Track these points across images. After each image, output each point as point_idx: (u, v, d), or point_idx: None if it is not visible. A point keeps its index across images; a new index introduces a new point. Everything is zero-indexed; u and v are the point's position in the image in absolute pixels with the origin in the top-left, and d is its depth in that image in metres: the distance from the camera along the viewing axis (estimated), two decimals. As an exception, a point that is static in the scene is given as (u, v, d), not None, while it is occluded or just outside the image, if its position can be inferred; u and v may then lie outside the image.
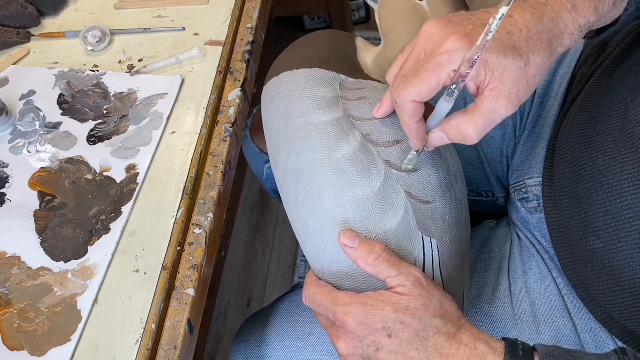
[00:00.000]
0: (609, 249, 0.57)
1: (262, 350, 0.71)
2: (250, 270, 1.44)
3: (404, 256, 0.53)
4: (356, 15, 1.78)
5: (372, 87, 0.58)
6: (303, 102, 0.56)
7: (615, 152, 0.56)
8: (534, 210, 0.69)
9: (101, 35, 0.77)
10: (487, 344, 0.49)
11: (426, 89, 0.46)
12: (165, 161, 0.66)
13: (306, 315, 0.70)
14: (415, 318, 0.49)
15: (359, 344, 0.51)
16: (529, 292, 0.66)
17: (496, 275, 0.69)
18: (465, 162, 0.75)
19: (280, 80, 0.59)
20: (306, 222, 0.54)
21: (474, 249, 0.72)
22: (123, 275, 0.58)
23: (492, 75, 0.46)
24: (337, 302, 0.52)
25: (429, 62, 0.46)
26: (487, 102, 0.47)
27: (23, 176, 0.66)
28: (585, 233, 0.59)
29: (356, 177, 0.52)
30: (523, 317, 0.65)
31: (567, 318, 0.64)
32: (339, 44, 0.61)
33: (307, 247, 0.56)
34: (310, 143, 0.54)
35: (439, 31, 0.47)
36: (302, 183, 0.54)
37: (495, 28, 0.42)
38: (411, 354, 0.49)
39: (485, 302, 0.68)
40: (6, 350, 0.55)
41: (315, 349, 0.68)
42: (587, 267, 0.61)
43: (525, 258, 0.69)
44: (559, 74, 0.72)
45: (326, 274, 0.55)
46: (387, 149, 0.53)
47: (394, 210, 0.52)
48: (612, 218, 0.56)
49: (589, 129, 0.60)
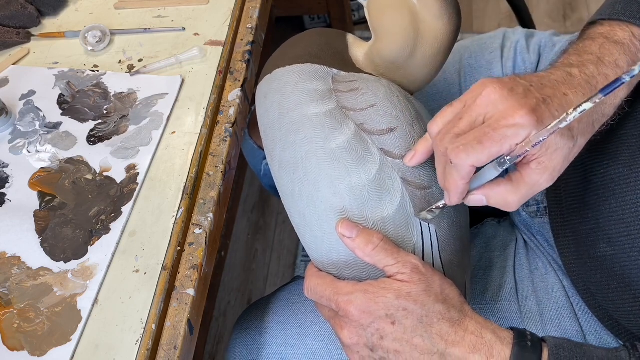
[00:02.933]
0: (620, 257, 0.57)
1: (263, 337, 0.70)
2: (250, 270, 1.44)
3: (403, 242, 0.53)
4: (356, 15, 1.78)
5: (364, 79, 0.58)
6: (296, 96, 0.56)
7: (630, 161, 0.56)
8: (535, 215, 0.69)
9: (101, 35, 0.77)
10: (495, 333, 0.49)
11: (487, 156, 0.47)
12: (165, 161, 0.66)
13: (308, 304, 0.70)
14: (418, 304, 0.49)
15: (362, 332, 0.51)
16: (536, 291, 0.66)
17: (501, 273, 0.69)
18: None
19: (273, 77, 0.60)
20: (304, 213, 0.55)
21: (478, 248, 0.72)
22: (123, 275, 0.58)
23: (544, 152, 0.47)
24: (339, 291, 0.52)
25: (494, 131, 0.46)
26: (533, 175, 0.48)
27: (23, 176, 0.66)
28: (595, 240, 0.59)
29: (351, 165, 0.53)
30: (529, 315, 0.65)
31: (573, 319, 0.64)
32: (329, 40, 0.62)
33: (305, 238, 0.56)
34: (304, 134, 0.54)
35: (504, 101, 0.47)
36: (298, 174, 0.54)
37: (571, 119, 0.43)
38: (416, 341, 0.49)
39: (491, 299, 0.67)
40: (6, 350, 0.55)
41: (317, 337, 0.68)
42: (596, 274, 0.60)
43: (531, 258, 0.69)
44: None
45: (326, 265, 0.55)
46: (381, 137, 0.54)
47: (390, 197, 0.53)
48: (625, 227, 0.56)
49: (601, 136, 0.60)
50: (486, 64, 0.76)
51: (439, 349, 0.49)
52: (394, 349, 0.50)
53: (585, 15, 1.80)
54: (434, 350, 0.49)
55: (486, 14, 1.85)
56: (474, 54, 0.77)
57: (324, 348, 0.67)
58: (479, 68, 0.76)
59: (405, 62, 0.59)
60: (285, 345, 0.69)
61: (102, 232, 0.61)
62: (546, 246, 0.68)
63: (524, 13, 1.15)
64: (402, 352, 0.50)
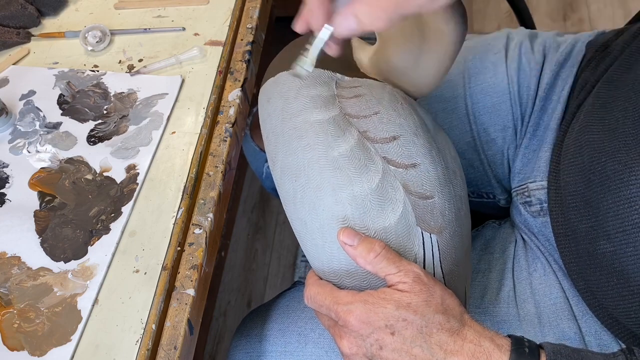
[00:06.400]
0: (619, 253, 0.57)
1: (263, 345, 0.70)
2: (250, 270, 1.44)
3: (404, 252, 0.53)
4: (356, 15, 1.77)
5: (368, 84, 0.58)
6: (299, 102, 0.56)
7: (626, 158, 0.56)
8: (537, 214, 0.69)
9: (101, 35, 0.77)
10: (492, 341, 0.49)
11: None
12: (165, 161, 0.66)
13: (307, 311, 0.70)
14: (418, 314, 0.49)
15: (362, 343, 0.51)
16: (534, 293, 0.66)
17: (500, 275, 0.69)
18: (466, 164, 0.75)
19: (277, 80, 0.59)
20: (305, 221, 0.54)
21: (477, 249, 0.72)
22: (123, 275, 0.58)
23: None
24: (338, 300, 0.52)
25: None
26: None
27: (23, 176, 0.66)
28: (595, 237, 0.59)
29: (354, 174, 0.52)
30: (527, 318, 0.65)
31: (572, 320, 0.64)
32: None
33: (306, 246, 0.56)
34: (307, 141, 0.54)
35: None
36: (300, 181, 0.54)
37: None
38: (415, 351, 0.49)
39: (489, 303, 0.67)
40: (6, 350, 0.55)
41: (317, 344, 0.68)
42: (596, 272, 0.60)
43: (530, 259, 0.68)
44: (560, 78, 0.72)
45: (326, 273, 0.55)
46: (384, 145, 0.53)
47: (392, 206, 0.52)
48: (621, 222, 0.56)
49: (600, 134, 0.60)
50: (491, 65, 0.75)
51: (438, 358, 0.49)
52: (393, 359, 0.50)
53: (585, 15, 1.80)
54: None
55: (486, 14, 1.85)
56: (477, 55, 0.77)
57: (324, 355, 0.67)
58: (483, 69, 0.75)
59: (410, 67, 0.58)
60: (285, 353, 0.69)
61: (102, 232, 0.61)
62: (547, 246, 0.68)
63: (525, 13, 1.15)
64: None
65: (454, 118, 0.75)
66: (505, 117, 0.73)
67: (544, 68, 0.74)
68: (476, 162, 0.76)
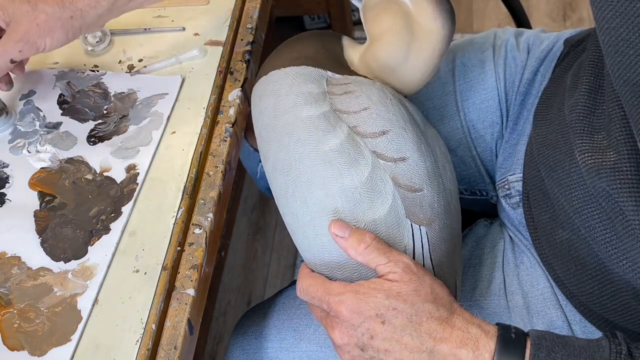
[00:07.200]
0: (573, 240, 0.59)
1: (260, 342, 0.71)
2: (250, 270, 1.44)
3: (394, 244, 0.54)
4: (356, 16, 1.77)
5: (358, 82, 0.59)
6: (290, 98, 0.57)
7: (565, 148, 0.58)
8: (516, 206, 0.70)
9: (101, 35, 0.77)
10: (480, 327, 0.50)
11: None
12: (165, 161, 0.66)
13: (303, 308, 0.71)
14: (407, 303, 0.50)
15: (353, 332, 0.51)
16: (521, 285, 0.67)
17: (490, 269, 0.70)
18: (458, 161, 0.76)
19: (269, 78, 0.60)
20: (296, 214, 0.56)
21: (469, 246, 0.73)
22: (123, 275, 0.58)
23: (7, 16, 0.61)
24: (330, 291, 0.53)
25: None
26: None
27: (23, 176, 0.66)
28: (554, 227, 0.61)
29: (344, 168, 0.54)
30: (516, 309, 0.66)
31: (559, 309, 0.65)
32: (325, 42, 0.63)
33: (298, 239, 0.57)
34: (298, 137, 0.55)
35: None
36: (292, 176, 0.55)
37: None
38: (405, 340, 0.50)
39: (480, 295, 0.69)
40: (6, 350, 0.55)
41: (311, 341, 0.69)
42: (560, 260, 0.62)
43: (517, 253, 0.70)
44: (540, 73, 0.73)
45: (318, 265, 0.56)
46: (373, 139, 0.55)
47: (381, 199, 0.54)
48: (568, 209, 0.58)
49: (543, 127, 0.63)
50: (479, 62, 0.77)
51: (428, 346, 0.50)
52: (384, 348, 0.51)
53: (585, 15, 1.80)
54: (423, 348, 0.50)
55: (486, 14, 1.85)
56: (466, 53, 0.78)
57: (319, 351, 0.68)
58: (472, 67, 0.77)
59: (399, 65, 0.59)
60: (281, 350, 0.70)
61: (102, 232, 0.61)
62: (529, 238, 0.69)
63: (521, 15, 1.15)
64: (392, 351, 0.50)
65: (445, 115, 0.76)
66: (493, 113, 0.75)
67: (527, 64, 0.75)
68: (468, 159, 0.77)
